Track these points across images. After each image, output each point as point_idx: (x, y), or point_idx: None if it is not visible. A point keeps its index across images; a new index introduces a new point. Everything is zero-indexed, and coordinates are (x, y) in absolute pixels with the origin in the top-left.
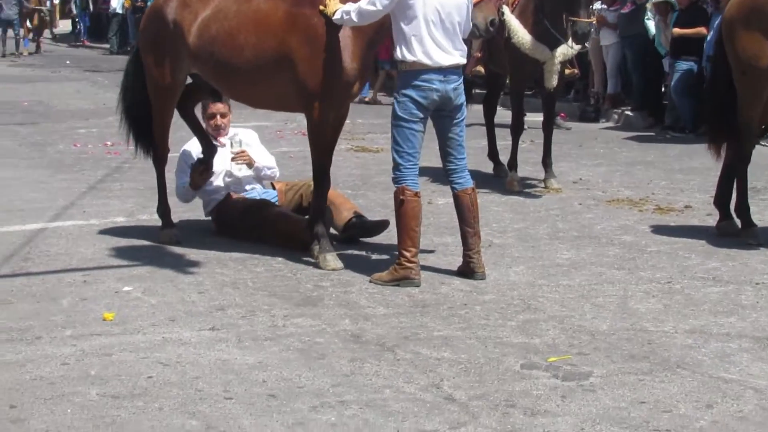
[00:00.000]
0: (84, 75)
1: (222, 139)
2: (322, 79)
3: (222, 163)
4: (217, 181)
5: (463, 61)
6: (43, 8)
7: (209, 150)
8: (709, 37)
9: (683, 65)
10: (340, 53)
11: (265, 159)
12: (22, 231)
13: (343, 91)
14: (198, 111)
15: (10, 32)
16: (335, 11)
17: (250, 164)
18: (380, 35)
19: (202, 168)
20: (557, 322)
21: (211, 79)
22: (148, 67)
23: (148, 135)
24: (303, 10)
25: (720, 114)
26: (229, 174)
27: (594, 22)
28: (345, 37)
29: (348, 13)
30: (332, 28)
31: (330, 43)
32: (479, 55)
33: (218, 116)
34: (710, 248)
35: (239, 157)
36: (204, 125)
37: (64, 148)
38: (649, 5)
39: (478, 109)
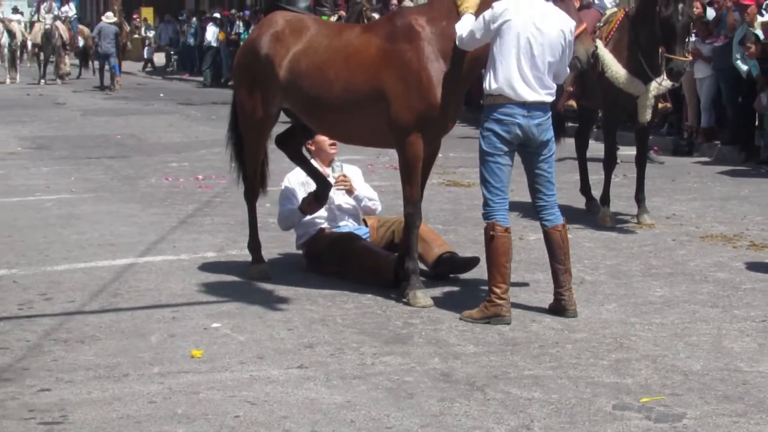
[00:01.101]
0: (177, 108)
1: (328, 170)
2: (416, 115)
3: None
4: (315, 214)
5: (549, 99)
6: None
7: (323, 183)
8: None
9: None
10: (435, 89)
11: (367, 191)
12: (111, 266)
13: (437, 127)
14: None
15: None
16: (465, 11)
17: (350, 191)
18: (474, 70)
19: (316, 202)
20: (650, 362)
21: (301, 113)
22: (240, 101)
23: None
24: (397, 46)
25: None
26: (330, 201)
27: (690, 59)
28: (439, 71)
29: (463, 27)
30: (425, 63)
31: (424, 78)
32: (571, 89)
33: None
34: None
35: (340, 182)
36: (311, 155)
37: (156, 182)
38: (734, 42)
39: (571, 143)
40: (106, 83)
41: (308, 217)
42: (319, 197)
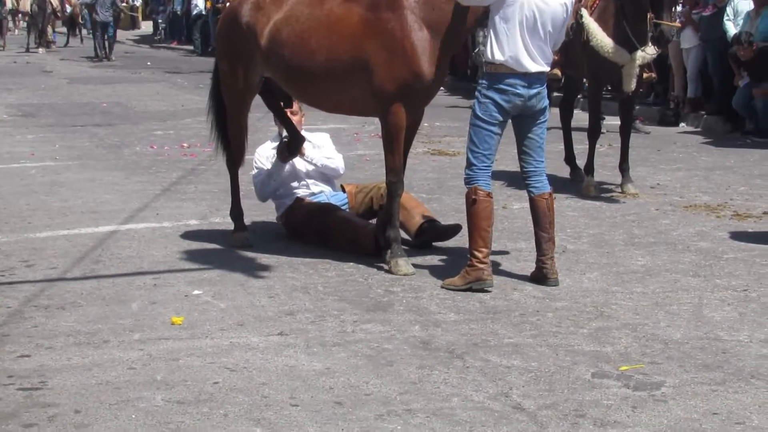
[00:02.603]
0: (164, 77)
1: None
2: (399, 85)
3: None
4: (287, 184)
5: (548, 69)
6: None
7: (296, 138)
8: None
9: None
10: (418, 57)
11: (327, 152)
12: (94, 233)
13: (420, 96)
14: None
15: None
16: None
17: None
18: (458, 39)
19: (288, 152)
20: (630, 330)
21: (282, 83)
22: (222, 70)
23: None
24: (380, 14)
25: None
26: (291, 166)
27: (679, 25)
28: (423, 40)
29: None
30: (409, 32)
31: (408, 47)
32: (556, 58)
33: (288, 112)
34: None
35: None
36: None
37: (141, 150)
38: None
39: (555, 112)
40: (103, 53)
41: (282, 190)
42: (291, 148)
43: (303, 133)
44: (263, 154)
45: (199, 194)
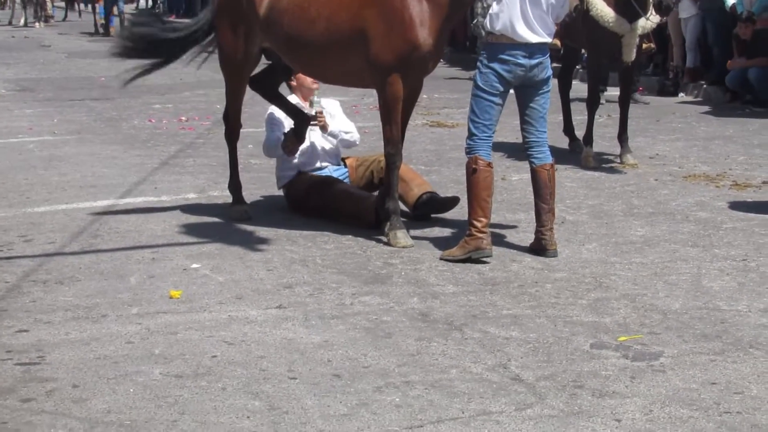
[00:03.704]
0: None
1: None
2: (397, 55)
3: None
4: (301, 159)
5: (550, 39)
6: None
7: (302, 120)
8: None
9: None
10: (417, 29)
11: (343, 124)
12: (92, 207)
13: (418, 67)
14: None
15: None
16: None
17: (324, 128)
18: (457, 11)
19: (295, 138)
20: (629, 301)
21: (282, 52)
22: (221, 41)
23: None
24: None
25: None
26: (308, 140)
27: None
28: (422, 12)
29: None
30: (408, 2)
31: (407, 18)
32: (555, 28)
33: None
34: None
35: (317, 118)
36: (292, 91)
37: (139, 124)
38: None
39: (554, 83)
40: (109, 26)
41: (287, 160)
42: (298, 134)
43: (316, 99)
44: (280, 113)
45: (197, 168)
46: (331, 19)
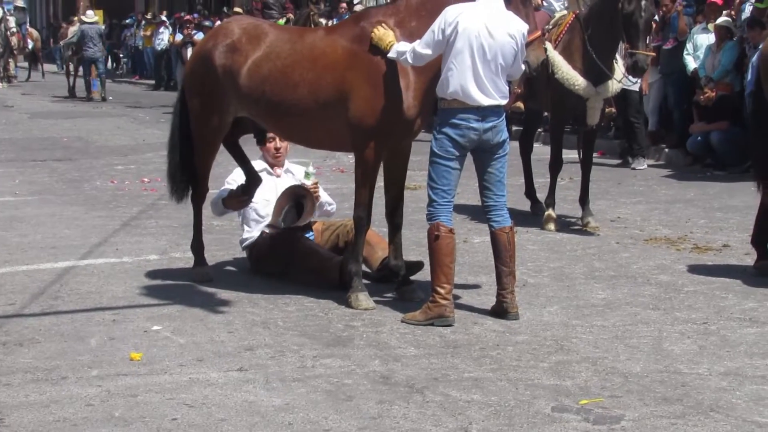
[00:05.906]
0: (125, 111)
1: (280, 170)
2: (380, 119)
3: (269, 193)
4: (263, 214)
5: (504, 102)
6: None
7: (253, 180)
8: (748, 75)
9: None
10: (402, 93)
11: (324, 195)
12: (53, 269)
13: (401, 132)
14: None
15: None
16: (389, 46)
17: (317, 199)
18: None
19: (244, 197)
20: (590, 364)
21: (262, 119)
22: (193, 110)
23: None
24: (364, 47)
25: (763, 149)
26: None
27: (653, 54)
28: (407, 75)
29: (403, 53)
30: (395, 66)
31: (392, 82)
32: (519, 91)
33: (276, 139)
34: (748, 288)
35: (313, 188)
36: (262, 153)
37: (101, 185)
38: (710, 26)
39: (515, 146)
40: (91, 90)
41: (258, 224)
42: (246, 191)
43: (311, 170)
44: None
45: (159, 229)
46: (315, 82)
